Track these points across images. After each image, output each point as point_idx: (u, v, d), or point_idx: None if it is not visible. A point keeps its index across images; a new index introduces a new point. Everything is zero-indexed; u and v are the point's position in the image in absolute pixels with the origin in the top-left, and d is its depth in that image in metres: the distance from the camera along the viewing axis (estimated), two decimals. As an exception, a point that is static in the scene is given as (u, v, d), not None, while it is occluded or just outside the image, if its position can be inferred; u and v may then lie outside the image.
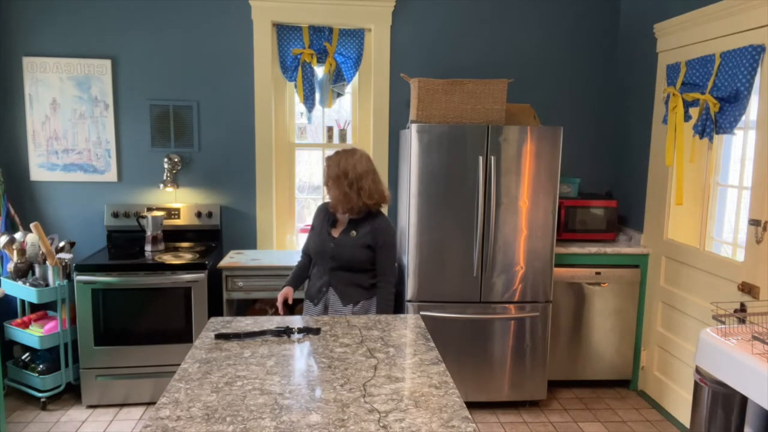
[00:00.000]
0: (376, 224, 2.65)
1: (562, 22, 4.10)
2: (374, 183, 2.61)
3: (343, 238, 2.65)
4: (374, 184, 2.61)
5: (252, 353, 1.94)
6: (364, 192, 2.57)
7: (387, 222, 2.70)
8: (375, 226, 2.64)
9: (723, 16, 3.01)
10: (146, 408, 3.48)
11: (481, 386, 3.53)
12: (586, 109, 4.21)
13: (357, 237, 2.62)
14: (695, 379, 2.35)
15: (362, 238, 2.62)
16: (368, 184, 2.58)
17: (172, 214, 3.90)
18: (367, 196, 2.58)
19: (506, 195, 3.37)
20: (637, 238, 3.87)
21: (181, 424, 1.46)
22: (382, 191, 2.66)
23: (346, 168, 2.57)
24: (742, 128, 3.03)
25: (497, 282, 3.44)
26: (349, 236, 2.64)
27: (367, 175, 2.59)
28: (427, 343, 2.07)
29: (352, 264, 2.64)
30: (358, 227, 2.65)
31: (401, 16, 3.98)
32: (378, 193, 2.63)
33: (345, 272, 2.65)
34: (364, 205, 2.60)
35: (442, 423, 1.49)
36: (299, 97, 3.99)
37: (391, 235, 2.68)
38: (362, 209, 2.62)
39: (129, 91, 3.88)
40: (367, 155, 2.68)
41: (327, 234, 2.69)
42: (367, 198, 2.58)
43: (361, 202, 2.58)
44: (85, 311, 3.36)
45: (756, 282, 2.78)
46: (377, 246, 2.63)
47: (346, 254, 2.63)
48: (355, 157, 2.61)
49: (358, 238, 2.62)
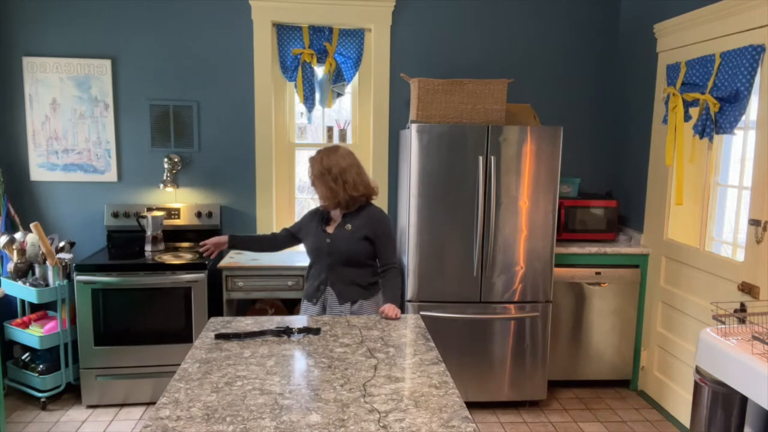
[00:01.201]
0: (371, 214, 2.66)
1: (562, 22, 4.10)
2: (358, 176, 2.62)
3: (338, 233, 2.65)
4: (359, 176, 2.62)
5: (252, 353, 1.94)
6: (349, 185, 2.58)
7: (381, 212, 2.71)
8: (370, 216, 2.66)
9: (723, 16, 3.00)
10: (146, 408, 3.48)
11: (481, 386, 3.53)
12: (586, 109, 4.21)
13: (353, 230, 2.63)
14: (695, 379, 2.35)
15: (359, 231, 2.62)
16: (352, 177, 2.59)
17: (172, 214, 3.90)
18: (352, 188, 2.58)
19: (506, 195, 3.37)
20: (637, 238, 3.87)
21: (181, 424, 1.46)
22: (367, 183, 2.66)
23: (330, 164, 2.58)
24: (742, 128, 3.03)
25: (497, 282, 3.44)
26: (345, 230, 2.64)
27: (350, 168, 2.60)
28: (427, 343, 2.07)
29: (350, 258, 2.62)
30: (352, 220, 2.65)
31: (401, 16, 3.98)
32: (363, 184, 2.63)
33: (343, 268, 2.64)
34: (351, 198, 2.60)
35: (442, 423, 1.49)
36: (299, 97, 3.99)
37: (387, 224, 2.70)
38: (350, 202, 2.62)
39: (129, 91, 3.88)
40: (350, 151, 2.68)
41: (322, 232, 2.69)
42: (353, 190, 2.59)
43: (347, 194, 2.59)
44: (85, 311, 3.36)
45: (756, 282, 2.78)
46: (376, 237, 2.63)
47: (343, 248, 2.62)
48: (338, 153, 2.62)
49: (354, 230, 2.62)
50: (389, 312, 2.41)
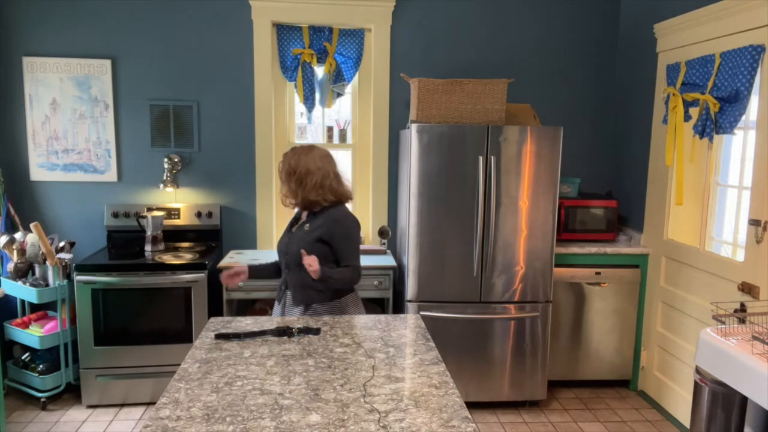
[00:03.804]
0: (330, 215, 2.52)
1: (562, 22, 4.10)
2: (324, 178, 2.50)
3: (297, 232, 2.57)
4: (325, 179, 2.51)
5: (252, 353, 1.94)
6: (308, 187, 2.48)
7: (343, 212, 2.56)
8: (328, 217, 2.52)
9: (723, 16, 3.00)
10: (146, 408, 3.48)
11: (481, 386, 3.53)
12: (586, 109, 4.21)
13: (309, 230, 2.52)
14: (695, 379, 2.35)
15: (314, 231, 2.50)
16: (316, 179, 2.48)
17: (172, 214, 3.90)
18: (311, 191, 2.48)
19: (506, 195, 3.37)
20: (637, 238, 3.87)
21: (181, 424, 1.46)
22: (335, 188, 2.53)
23: (297, 164, 2.50)
24: (742, 128, 3.03)
25: (497, 282, 3.44)
26: (303, 230, 2.55)
27: (317, 171, 2.49)
28: (427, 343, 2.07)
29: (301, 261, 2.46)
30: (312, 221, 2.56)
31: (401, 16, 3.98)
32: (330, 189, 2.51)
33: (299, 269, 2.51)
34: (308, 200, 2.51)
35: (442, 423, 1.49)
36: (299, 97, 3.99)
37: (346, 226, 2.54)
38: (310, 204, 2.53)
39: (129, 91, 3.88)
40: (325, 153, 2.57)
41: (288, 231, 2.65)
42: (313, 193, 2.49)
43: (307, 196, 2.49)
44: (85, 311, 3.37)
45: (756, 282, 2.78)
46: (332, 239, 2.50)
47: (295, 248, 2.50)
48: (310, 155, 2.52)
49: (310, 231, 2.52)
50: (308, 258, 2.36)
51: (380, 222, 4.12)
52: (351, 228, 2.56)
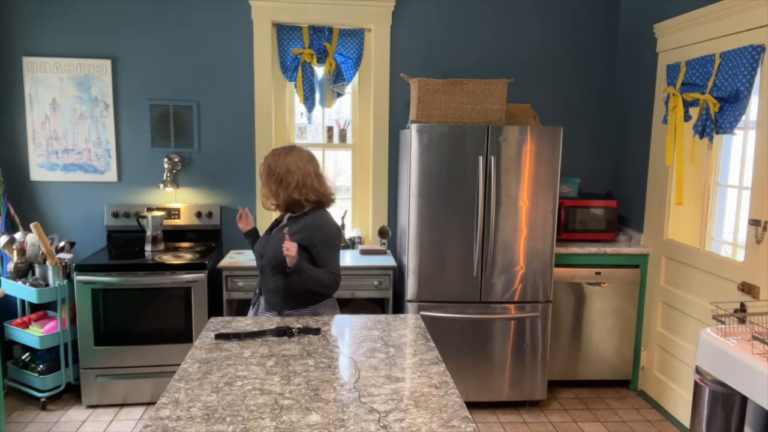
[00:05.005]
0: (311, 220, 2.45)
1: (562, 22, 4.10)
2: (305, 177, 2.44)
3: (275, 235, 2.50)
4: (304, 178, 2.44)
5: (252, 353, 1.94)
6: (291, 187, 2.42)
7: (324, 217, 2.49)
8: (308, 222, 2.45)
9: (723, 16, 3.01)
10: (146, 408, 3.48)
11: (481, 386, 3.53)
12: (586, 109, 4.21)
13: (289, 234, 2.41)
14: (695, 379, 2.35)
15: (294, 236, 2.40)
16: (297, 179, 2.43)
17: (172, 214, 3.90)
18: (294, 190, 2.43)
19: (506, 195, 3.37)
20: (637, 238, 3.87)
21: (181, 424, 1.46)
22: (315, 186, 2.47)
23: (276, 164, 2.45)
24: (742, 128, 3.03)
25: (497, 282, 3.44)
26: (282, 233, 2.44)
27: (298, 171, 2.43)
28: (427, 343, 2.07)
29: (278, 264, 2.39)
30: (292, 224, 2.47)
31: (401, 16, 3.98)
32: (312, 189, 2.45)
33: (273, 274, 2.45)
34: (291, 200, 2.45)
35: (442, 423, 1.49)
36: (299, 97, 3.99)
37: (327, 232, 2.46)
38: (291, 205, 2.47)
39: (129, 91, 3.88)
40: (307, 154, 2.52)
41: (267, 233, 2.58)
42: (296, 193, 2.43)
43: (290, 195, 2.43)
44: (85, 311, 3.36)
45: (756, 282, 2.78)
46: (311, 245, 2.41)
47: (270, 251, 2.43)
48: (290, 155, 2.47)
49: (290, 235, 2.40)
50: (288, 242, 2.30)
51: (380, 222, 4.12)
52: (332, 235, 2.49)
